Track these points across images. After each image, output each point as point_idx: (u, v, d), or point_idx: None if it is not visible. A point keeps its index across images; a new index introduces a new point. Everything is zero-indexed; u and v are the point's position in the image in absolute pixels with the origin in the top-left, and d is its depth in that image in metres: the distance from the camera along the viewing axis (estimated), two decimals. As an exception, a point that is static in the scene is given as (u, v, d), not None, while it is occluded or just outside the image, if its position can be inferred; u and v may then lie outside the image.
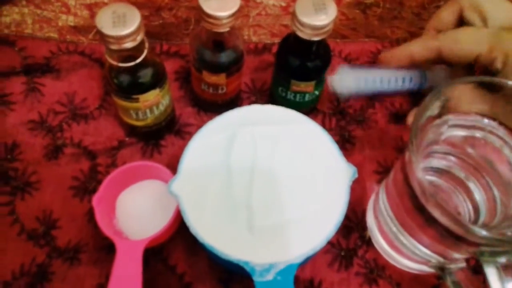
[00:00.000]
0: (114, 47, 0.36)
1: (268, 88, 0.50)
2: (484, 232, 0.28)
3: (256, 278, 0.33)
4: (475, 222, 0.36)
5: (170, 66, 0.51)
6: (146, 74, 0.39)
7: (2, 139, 0.45)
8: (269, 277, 0.33)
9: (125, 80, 0.39)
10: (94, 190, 0.43)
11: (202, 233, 0.34)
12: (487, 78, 0.36)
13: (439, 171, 0.39)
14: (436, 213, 0.31)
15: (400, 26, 0.56)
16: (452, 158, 0.39)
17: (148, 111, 0.42)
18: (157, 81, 0.40)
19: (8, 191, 0.43)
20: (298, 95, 0.44)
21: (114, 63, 0.38)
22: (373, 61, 0.53)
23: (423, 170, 0.38)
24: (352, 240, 0.43)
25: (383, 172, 0.46)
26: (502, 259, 0.30)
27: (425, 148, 0.37)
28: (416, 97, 0.50)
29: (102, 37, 0.35)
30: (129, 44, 0.36)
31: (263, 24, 0.55)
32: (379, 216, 0.40)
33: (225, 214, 0.35)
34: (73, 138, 0.46)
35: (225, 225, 0.35)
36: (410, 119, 0.43)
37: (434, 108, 0.32)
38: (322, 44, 0.41)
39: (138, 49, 0.38)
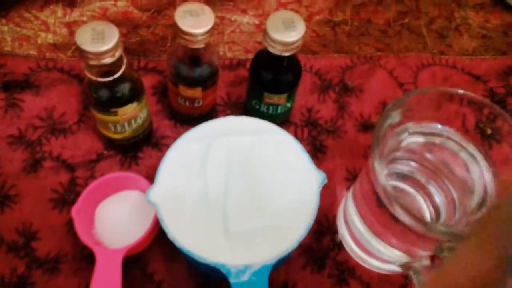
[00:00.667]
0: (93, 62, 0.37)
1: (243, 102, 0.52)
2: (442, 228, 0.31)
3: (232, 279, 0.35)
4: (436, 222, 0.39)
5: (148, 81, 0.52)
6: (124, 88, 0.41)
7: (-19, 154, 0.46)
8: (245, 278, 0.35)
9: (103, 94, 0.41)
10: (73, 202, 0.44)
11: (180, 239, 0.36)
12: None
13: (402, 176, 0.42)
14: (400, 214, 0.33)
15: (367, 43, 0.59)
16: (413, 163, 0.41)
17: (126, 124, 0.44)
18: (135, 95, 0.42)
19: (-12, 205, 0.44)
20: (271, 107, 0.47)
21: (93, 78, 0.39)
22: (342, 76, 0.56)
23: (387, 175, 0.41)
24: (324, 243, 0.45)
25: (352, 179, 0.49)
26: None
27: (387, 154, 0.39)
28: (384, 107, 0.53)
29: (81, 53, 0.37)
30: (108, 60, 0.37)
31: (238, 41, 0.57)
32: (349, 220, 0.43)
33: (201, 220, 0.37)
34: (52, 152, 0.47)
35: (201, 231, 0.37)
36: None
37: (394, 116, 0.35)
38: (293, 59, 0.44)
39: (116, 64, 0.39)
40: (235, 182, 0.38)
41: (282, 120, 0.50)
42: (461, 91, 0.36)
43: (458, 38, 0.62)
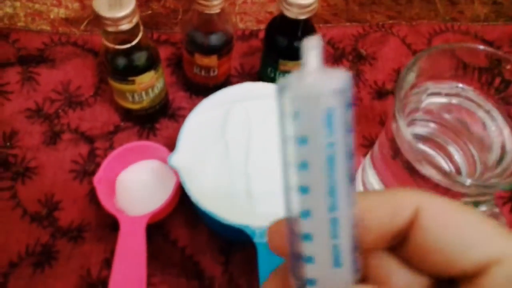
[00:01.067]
0: (111, 29, 0.37)
1: (257, 72, 0.52)
2: (469, 181, 0.31)
3: (257, 240, 0.35)
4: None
5: (162, 53, 0.52)
6: (141, 57, 0.41)
7: (0, 128, 0.46)
8: (269, 238, 0.35)
9: (121, 62, 0.41)
10: (93, 173, 0.45)
11: (203, 202, 0.36)
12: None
13: (421, 138, 0.42)
14: (427, 170, 0.33)
15: (379, 11, 0.59)
16: (432, 125, 0.41)
17: (143, 93, 0.44)
18: (152, 64, 0.42)
19: (9, 177, 0.44)
20: (286, 75, 0.47)
21: (111, 45, 0.39)
22: (355, 44, 0.56)
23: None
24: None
25: (369, 146, 0.49)
26: (483, 208, 0.33)
27: (407, 116, 0.39)
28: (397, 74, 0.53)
29: (99, 20, 0.37)
30: (125, 26, 0.38)
31: (249, 12, 0.57)
32: (367, 184, 0.43)
33: (224, 183, 0.37)
34: (70, 124, 0.47)
35: (224, 193, 0.37)
36: None
37: (414, 73, 0.35)
38: (308, 23, 0.44)
39: (133, 33, 0.39)
40: (255, 145, 0.38)
41: (297, 88, 0.50)
42: (481, 47, 0.36)
43: (470, 4, 0.61)
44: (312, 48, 0.13)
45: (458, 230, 0.15)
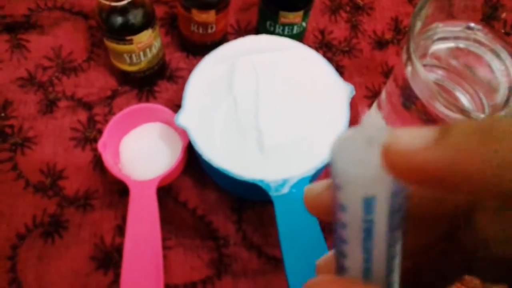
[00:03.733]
0: (106, -16, 0.35)
1: (254, 28, 0.51)
2: (482, 115, 0.31)
3: (273, 193, 0.35)
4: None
5: (154, 13, 0.50)
6: (138, 14, 0.39)
7: (-8, 99, 0.45)
8: (285, 190, 0.35)
9: (117, 21, 0.39)
10: (95, 139, 0.44)
11: (216, 160, 0.36)
12: None
13: (429, 83, 0.41)
14: (443, 110, 0.33)
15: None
16: (439, 71, 0.41)
17: (141, 54, 0.42)
18: (149, 21, 0.41)
19: (8, 148, 0.43)
20: (286, 28, 0.45)
21: (107, 2, 0.37)
22: (351, -5, 0.54)
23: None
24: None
25: (372, 96, 0.48)
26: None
27: (415, 61, 0.39)
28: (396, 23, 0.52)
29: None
30: (121, -19, 0.36)
31: (241, -34, 0.55)
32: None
33: (235, 139, 0.37)
34: (66, 91, 0.46)
35: (236, 149, 0.36)
36: None
37: (426, 11, 0.34)
38: (307, -28, 0.42)
39: (127, -12, 0.37)
40: (264, 98, 0.37)
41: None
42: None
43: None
44: (377, 141, 0.11)
45: None
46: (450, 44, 0.40)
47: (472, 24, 0.37)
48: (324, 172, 0.39)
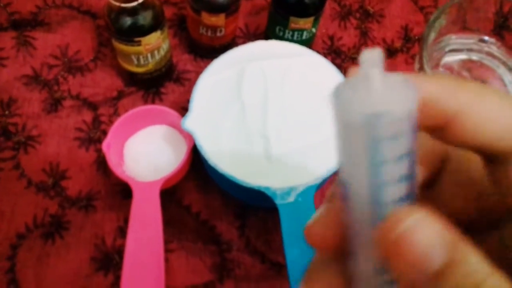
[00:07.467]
0: (116, -16, 0.35)
1: (263, 32, 0.50)
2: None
3: (278, 201, 0.34)
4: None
5: (163, 14, 0.50)
6: (147, 16, 0.39)
7: (-3, 96, 0.44)
8: (291, 199, 0.34)
9: (126, 22, 0.39)
10: (99, 140, 0.43)
11: (221, 165, 0.35)
12: None
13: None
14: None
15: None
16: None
17: (149, 55, 0.42)
18: (158, 23, 0.40)
19: (11, 146, 0.42)
20: (296, 33, 0.45)
21: (116, 3, 0.37)
22: (361, 1, 0.54)
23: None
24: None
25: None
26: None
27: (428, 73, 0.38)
28: (406, 31, 0.52)
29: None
30: (131, -19, 0.35)
31: (251, -31, 0.54)
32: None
33: (241, 145, 0.36)
34: (71, 90, 0.45)
35: (243, 156, 0.36)
36: None
37: (441, 22, 0.34)
38: (319, -22, 0.42)
39: (137, -10, 0.37)
40: (273, 105, 0.37)
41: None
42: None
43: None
44: (374, 65, 0.12)
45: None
46: (463, 56, 0.39)
47: (485, 37, 0.37)
48: (330, 181, 0.38)
